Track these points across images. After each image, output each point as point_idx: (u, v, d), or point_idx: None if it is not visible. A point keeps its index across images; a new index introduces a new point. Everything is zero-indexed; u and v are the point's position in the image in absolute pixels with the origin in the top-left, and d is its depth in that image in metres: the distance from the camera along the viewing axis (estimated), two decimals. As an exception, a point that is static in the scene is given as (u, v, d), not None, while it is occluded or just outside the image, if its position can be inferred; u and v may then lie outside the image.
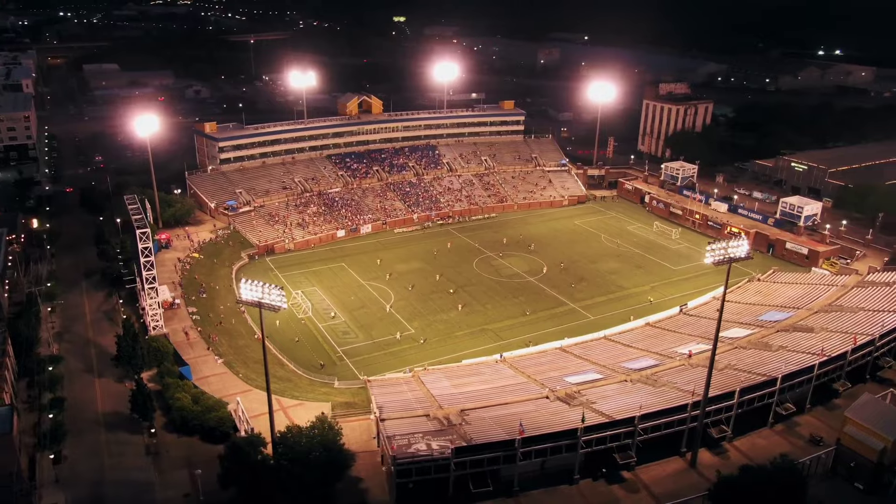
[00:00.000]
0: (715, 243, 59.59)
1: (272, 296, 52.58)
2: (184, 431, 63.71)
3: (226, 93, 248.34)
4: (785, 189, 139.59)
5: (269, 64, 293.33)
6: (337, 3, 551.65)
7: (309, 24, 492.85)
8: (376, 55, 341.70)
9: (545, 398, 66.30)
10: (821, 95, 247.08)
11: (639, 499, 55.60)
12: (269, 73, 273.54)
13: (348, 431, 60.53)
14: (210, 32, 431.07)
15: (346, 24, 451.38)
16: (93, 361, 76.49)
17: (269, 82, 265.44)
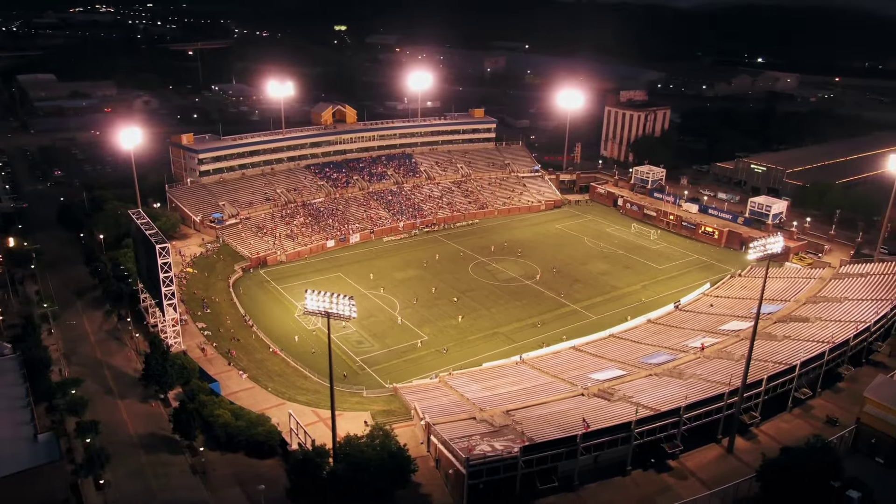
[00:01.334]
0: (756, 241, 63.19)
1: (341, 305, 52.93)
2: (228, 448, 62.78)
3: (175, 103, 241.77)
4: (745, 190, 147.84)
5: (215, 73, 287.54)
6: (271, 12, 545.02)
7: (250, 33, 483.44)
8: (323, 64, 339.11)
9: (581, 395, 68.81)
10: (763, 101, 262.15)
11: (688, 485, 58.59)
12: (219, 83, 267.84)
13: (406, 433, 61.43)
14: (147, 41, 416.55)
15: (289, 33, 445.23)
16: (109, 383, 74.06)
17: (219, 92, 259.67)
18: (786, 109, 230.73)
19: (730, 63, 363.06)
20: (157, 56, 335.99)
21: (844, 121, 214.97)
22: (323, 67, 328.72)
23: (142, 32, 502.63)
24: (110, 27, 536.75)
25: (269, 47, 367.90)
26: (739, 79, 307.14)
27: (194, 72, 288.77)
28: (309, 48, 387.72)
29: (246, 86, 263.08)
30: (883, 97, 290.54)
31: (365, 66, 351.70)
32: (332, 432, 57.46)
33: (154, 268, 74.70)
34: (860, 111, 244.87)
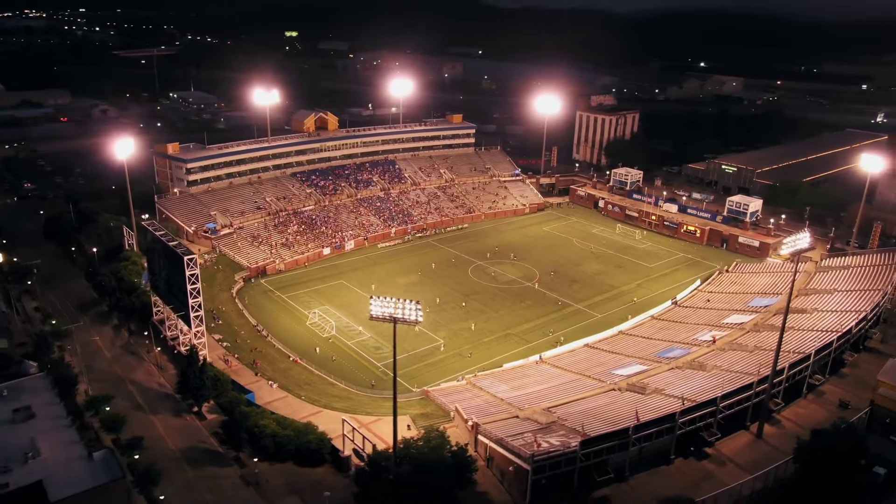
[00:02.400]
0: (787, 237, 66.95)
1: (408, 310, 53.93)
2: (276, 458, 62.71)
3: (134, 112, 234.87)
4: (717, 189, 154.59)
5: (170, 81, 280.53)
6: (217, 18, 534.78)
7: (197, 40, 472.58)
8: (278, 71, 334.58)
9: (614, 390, 71.54)
10: (712, 104, 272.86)
11: (728, 470, 61.80)
12: (177, 91, 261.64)
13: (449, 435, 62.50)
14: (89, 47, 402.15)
15: (242, 39, 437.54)
16: (137, 398, 72.64)
17: (179, 100, 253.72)
18: (739, 112, 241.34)
19: (676, 68, 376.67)
20: (107, 63, 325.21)
21: (794, 122, 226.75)
22: (279, 74, 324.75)
23: (80, 39, 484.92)
24: (45, 33, 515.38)
25: (220, 54, 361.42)
26: (689, 83, 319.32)
27: (149, 79, 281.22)
28: (261, 54, 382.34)
29: (206, 93, 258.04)
30: (822, 99, 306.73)
31: (321, 73, 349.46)
32: (393, 436, 58.27)
33: (179, 279, 73.78)
34: (805, 113, 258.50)
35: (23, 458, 54.10)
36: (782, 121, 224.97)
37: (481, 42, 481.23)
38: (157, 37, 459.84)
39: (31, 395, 63.00)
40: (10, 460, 54.02)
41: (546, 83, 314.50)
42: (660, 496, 58.10)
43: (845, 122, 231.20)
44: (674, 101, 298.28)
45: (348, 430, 62.16)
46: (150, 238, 79.65)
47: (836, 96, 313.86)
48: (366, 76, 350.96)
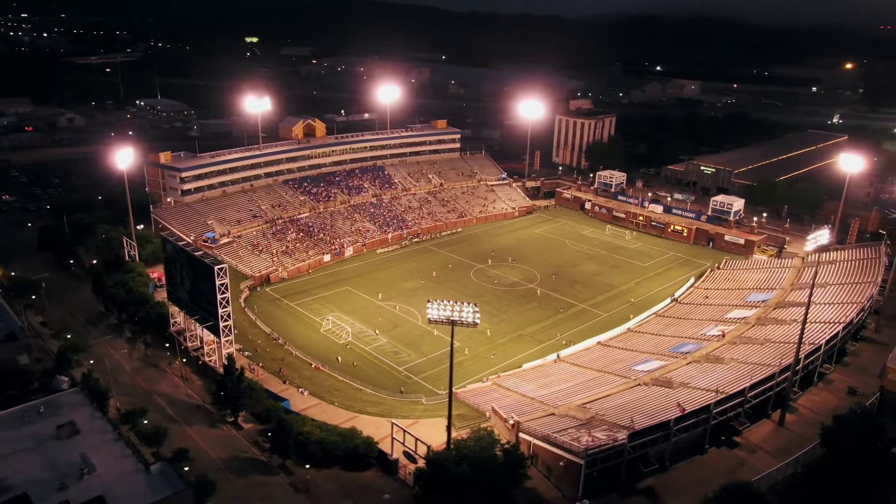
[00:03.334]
0: (811, 233, 70.46)
1: (465, 312, 55.30)
2: (323, 464, 63.11)
3: (101, 120, 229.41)
4: (696, 190, 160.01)
5: (134, 88, 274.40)
6: (173, 24, 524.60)
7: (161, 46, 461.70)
8: (244, 77, 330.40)
9: (640, 385, 74.15)
10: (673, 107, 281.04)
11: (759, 457, 64.94)
12: (143, 98, 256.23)
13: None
14: (40, 54, 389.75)
15: (204, 46, 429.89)
16: (168, 411, 72.00)
17: (147, 108, 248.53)
18: (704, 114, 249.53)
19: (636, 72, 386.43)
20: (63, 70, 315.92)
21: (756, 124, 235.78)
22: (247, 81, 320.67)
23: (28, 45, 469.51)
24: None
25: (182, 61, 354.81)
26: (651, 86, 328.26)
27: (111, 87, 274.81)
28: (222, 61, 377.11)
29: (174, 101, 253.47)
30: (777, 101, 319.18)
31: (286, 79, 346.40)
32: (447, 435, 59.47)
33: (206, 289, 73.46)
34: (764, 115, 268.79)
35: (78, 475, 53.40)
36: (746, 123, 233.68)
37: (442, 48, 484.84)
38: (112, 43, 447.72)
39: (70, 410, 61.99)
40: (65, 476, 53.27)
41: (514, 88, 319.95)
42: (700, 484, 60.73)
43: (804, 123, 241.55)
44: (638, 104, 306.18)
45: (397, 433, 62.85)
46: (171, 249, 78.91)
47: (790, 98, 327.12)
48: (333, 82, 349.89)
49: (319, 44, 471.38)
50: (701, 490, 59.68)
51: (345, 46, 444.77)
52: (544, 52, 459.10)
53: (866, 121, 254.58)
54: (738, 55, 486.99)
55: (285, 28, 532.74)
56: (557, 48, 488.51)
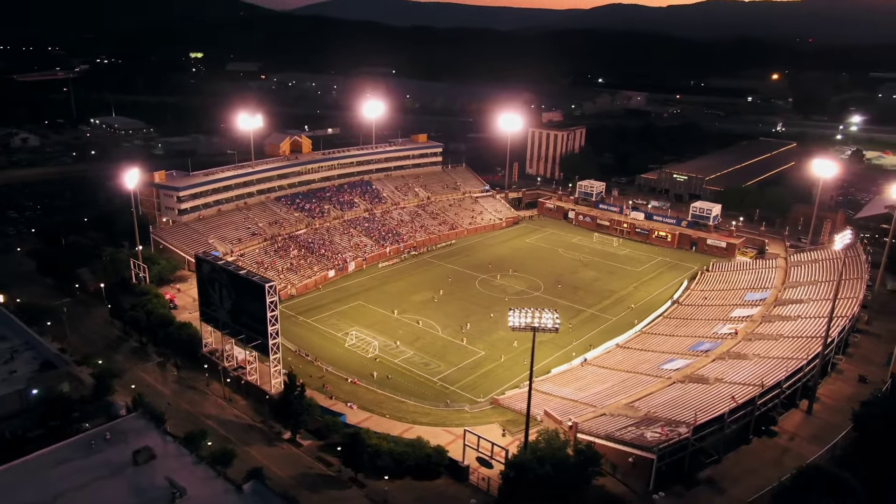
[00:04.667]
0: (838, 234, 76.12)
1: (544, 318, 57.72)
2: (395, 475, 64.09)
3: (56, 140, 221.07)
4: (669, 197, 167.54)
5: (84, 106, 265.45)
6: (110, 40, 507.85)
7: (108, 62, 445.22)
8: (195, 94, 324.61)
9: (676, 383, 78.17)
10: (624, 118, 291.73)
11: (799, 443, 69.76)
12: (97, 117, 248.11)
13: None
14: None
15: (151, 62, 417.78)
16: (220, 432, 71.33)
17: (103, 126, 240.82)
18: (660, 124, 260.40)
19: (584, 84, 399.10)
20: (5, 87, 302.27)
21: (706, 133, 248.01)
22: (199, 97, 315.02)
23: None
24: None
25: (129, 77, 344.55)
26: (601, 98, 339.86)
27: (59, 105, 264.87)
28: (169, 77, 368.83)
29: (131, 118, 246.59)
30: (719, 111, 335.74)
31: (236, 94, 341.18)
32: (525, 437, 61.56)
33: (253, 308, 73.37)
34: (711, 124, 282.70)
35: (169, 498, 52.81)
36: (699, 132, 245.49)
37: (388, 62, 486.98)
38: (47, 59, 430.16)
39: (138, 435, 60.87)
40: (156, 502, 52.67)
41: (470, 101, 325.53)
42: (752, 472, 64.91)
43: (752, 131, 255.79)
44: (589, 115, 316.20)
45: (471, 440, 64.46)
46: (209, 268, 78.24)
47: (729, 108, 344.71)
48: (285, 97, 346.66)
49: (264, 59, 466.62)
50: (754, 478, 63.96)
51: (291, 62, 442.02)
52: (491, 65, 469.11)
53: (805, 128, 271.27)
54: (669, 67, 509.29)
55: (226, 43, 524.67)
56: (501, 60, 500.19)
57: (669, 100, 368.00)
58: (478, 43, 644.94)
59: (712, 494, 61.93)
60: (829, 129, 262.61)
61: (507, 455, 61.18)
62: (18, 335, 78.81)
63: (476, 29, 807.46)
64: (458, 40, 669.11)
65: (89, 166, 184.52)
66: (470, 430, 65.76)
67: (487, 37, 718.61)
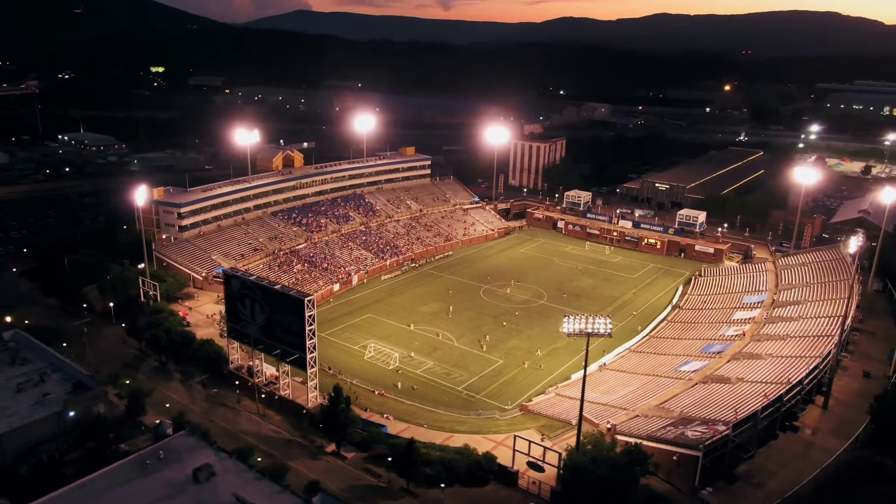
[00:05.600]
0: (850, 238, 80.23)
1: (597, 324, 59.85)
2: (446, 482, 65.10)
3: (25, 157, 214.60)
4: (652, 205, 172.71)
5: (49, 121, 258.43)
6: (62, 55, 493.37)
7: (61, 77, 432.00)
8: (160, 108, 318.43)
9: (699, 383, 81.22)
10: (588, 129, 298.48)
11: (822, 438, 73.25)
12: (65, 133, 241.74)
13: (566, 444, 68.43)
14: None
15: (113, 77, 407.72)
16: (261, 447, 71.04)
17: (72, 143, 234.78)
18: (631, 135, 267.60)
19: (549, 96, 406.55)
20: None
21: (673, 143, 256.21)
22: (165, 112, 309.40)
23: None
24: None
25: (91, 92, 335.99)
26: (568, 110, 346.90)
27: (22, 120, 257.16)
28: (131, 92, 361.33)
29: (101, 134, 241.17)
30: (681, 122, 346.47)
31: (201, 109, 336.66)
32: (576, 439, 63.39)
33: (290, 323, 73.68)
34: (677, 134, 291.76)
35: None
36: (668, 143, 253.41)
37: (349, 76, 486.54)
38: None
39: (192, 453, 60.47)
40: (227, 519, 52.69)
41: (440, 114, 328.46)
42: (784, 465, 68.11)
43: (717, 141, 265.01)
44: (557, 127, 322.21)
45: (526, 447, 65.82)
46: (239, 284, 78.04)
47: (690, 119, 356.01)
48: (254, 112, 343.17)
49: (227, 73, 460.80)
50: (787, 471, 67.13)
51: (255, 75, 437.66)
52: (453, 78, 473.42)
53: (766, 137, 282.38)
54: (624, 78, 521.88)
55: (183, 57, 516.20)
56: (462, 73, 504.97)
57: (632, 111, 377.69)
58: (435, 56, 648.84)
59: (752, 488, 64.75)
60: (788, 138, 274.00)
61: (559, 458, 62.87)
62: (41, 357, 77.04)
63: (432, 42, 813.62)
64: (415, 54, 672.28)
65: (67, 184, 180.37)
66: (520, 436, 67.18)
67: (444, 50, 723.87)
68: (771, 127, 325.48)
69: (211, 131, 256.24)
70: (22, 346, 79.12)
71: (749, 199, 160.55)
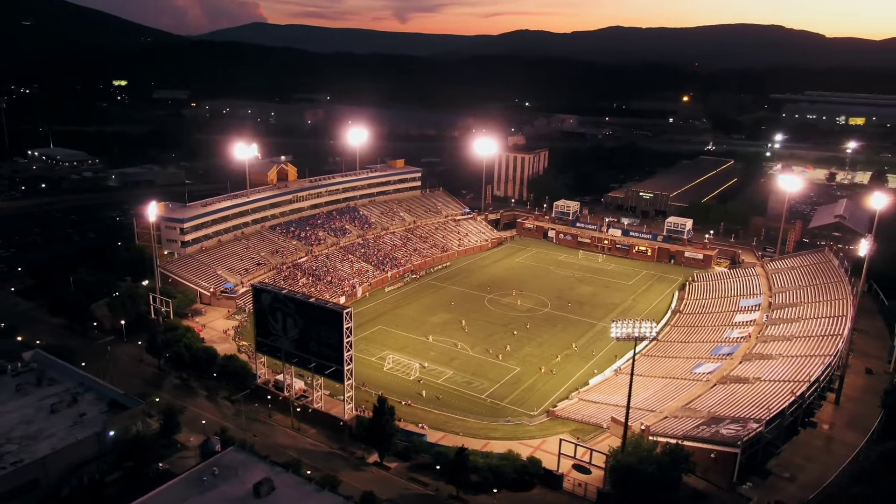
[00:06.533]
0: (861, 241, 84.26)
1: (642, 328, 62.09)
2: (493, 488, 66.27)
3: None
4: (636, 214, 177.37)
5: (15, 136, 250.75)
6: (21, 66, 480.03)
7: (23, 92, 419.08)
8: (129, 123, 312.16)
9: (718, 384, 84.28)
10: (563, 139, 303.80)
11: (840, 431, 76.86)
12: (32, 148, 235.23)
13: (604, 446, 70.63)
14: None
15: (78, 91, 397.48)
16: (303, 461, 71.10)
17: (42, 158, 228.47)
18: (606, 146, 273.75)
19: (517, 107, 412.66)
20: None
21: (644, 152, 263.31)
22: (131, 126, 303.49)
23: None
24: None
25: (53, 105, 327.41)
26: (538, 121, 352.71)
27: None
28: (95, 106, 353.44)
29: (73, 150, 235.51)
30: (647, 132, 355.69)
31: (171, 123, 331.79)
32: (622, 443, 65.35)
33: (327, 336, 74.05)
34: (646, 145, 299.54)
35: (310, 527, 53.24)
36: (640, 152, 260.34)
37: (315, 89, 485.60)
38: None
39: (246, 468, 60.37)
40: (296, 531, 52.94)
41: (414, 126, 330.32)
42: (810, 459, 71.39)
43: (687, 150, 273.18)
44: (531, 138, 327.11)
45: (572, 450, 67.48)
46: (271, 298, 78.07)
47: (655, 129, 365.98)
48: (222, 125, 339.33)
49: (188, 86, 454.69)
50: (814, 465, 70.35)
51: (220, 89, 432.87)
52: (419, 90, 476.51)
53: (732, 146, 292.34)
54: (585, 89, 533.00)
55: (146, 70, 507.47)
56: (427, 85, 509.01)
57: (598, 122, 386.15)
58: (399, 68, 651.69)
59: (785, 482, 67.65)
60: (752, 147, 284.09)
61: (606, 460, 64.75)
62: (68, 377, 75.66)
63: (395, 55, 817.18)
64: (380, 66, 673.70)
65: (44, 200, 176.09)
66: (566, 439, 68.85)
67: (409, 62, 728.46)
68: (733, 136, 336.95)
69: (186, 145, 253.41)
70: (45, 367, 77.53)
71: (732, 206, 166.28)
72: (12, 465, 59.87)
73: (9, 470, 59.12)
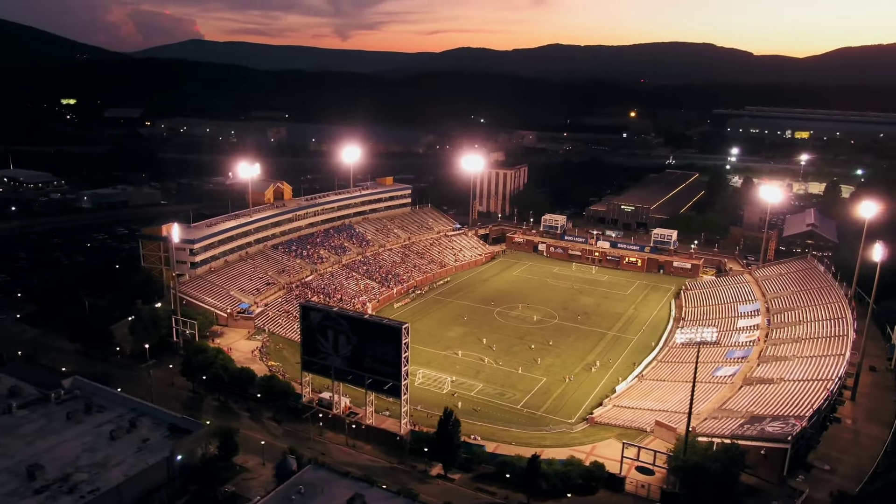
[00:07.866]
0: (872, 247, 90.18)
1: (705, 333, 65.59)
2: (560, 494, 68.31)
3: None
4: (618, 226, 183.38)
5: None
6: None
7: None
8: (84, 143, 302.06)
9: (745, 386, 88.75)
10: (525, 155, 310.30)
11: (863, 424, 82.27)
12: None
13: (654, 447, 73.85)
14: None
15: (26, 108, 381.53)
16: (367, 477, 71.68)
17: (3, 180, 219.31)
18: (575, 161, 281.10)
19: (468, 124, 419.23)
20: None
21: (610, 167, 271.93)
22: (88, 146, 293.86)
23: None
24: None
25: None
26: (500, 137, 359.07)
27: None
28: (47, 126, 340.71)
29: (35, 171, 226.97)
30: (604, 147, 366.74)
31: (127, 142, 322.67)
32: (685, 442, 68.46)
33: (383, 352, 74.91)
34: (609, 159, 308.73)
35: (413, 539, 54.10)
36: (606, 167, 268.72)
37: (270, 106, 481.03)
38: None
39: (330, 485, 60.74)
40: (402, 544, 53.74)
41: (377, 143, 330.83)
42: (844, 452, 76.26)
43: (650, 164, 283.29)
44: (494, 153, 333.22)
45: (635, 453, 70.15)
46: (321, 317, 78.29)
47: (612, 144, 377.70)
48: (181, 144, 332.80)
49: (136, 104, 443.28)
50: (848, 457, 75.21)
51: (173, 107, 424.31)
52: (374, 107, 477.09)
53: (691, 160, 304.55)
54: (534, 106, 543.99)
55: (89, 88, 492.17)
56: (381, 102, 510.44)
57: (557, 137, 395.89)
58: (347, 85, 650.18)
59: (828, 474, 72.07)
60: (710, 161, 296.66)
61: (668, 460, 67.79)
62: (116, 403, 73.95)
63: (342, 72, 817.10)
64: (330, 84, 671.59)
65: (17, 223, 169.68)
66: (629, 443, 71.53)
67: (353, 80, 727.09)
68: (686, 150, 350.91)
69: (152, 165, 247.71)
70: (88, 393, 75.57)
71: (712, 218, 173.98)
72: (90, 493, 58.43)
73: (88, 499, 57.70)
